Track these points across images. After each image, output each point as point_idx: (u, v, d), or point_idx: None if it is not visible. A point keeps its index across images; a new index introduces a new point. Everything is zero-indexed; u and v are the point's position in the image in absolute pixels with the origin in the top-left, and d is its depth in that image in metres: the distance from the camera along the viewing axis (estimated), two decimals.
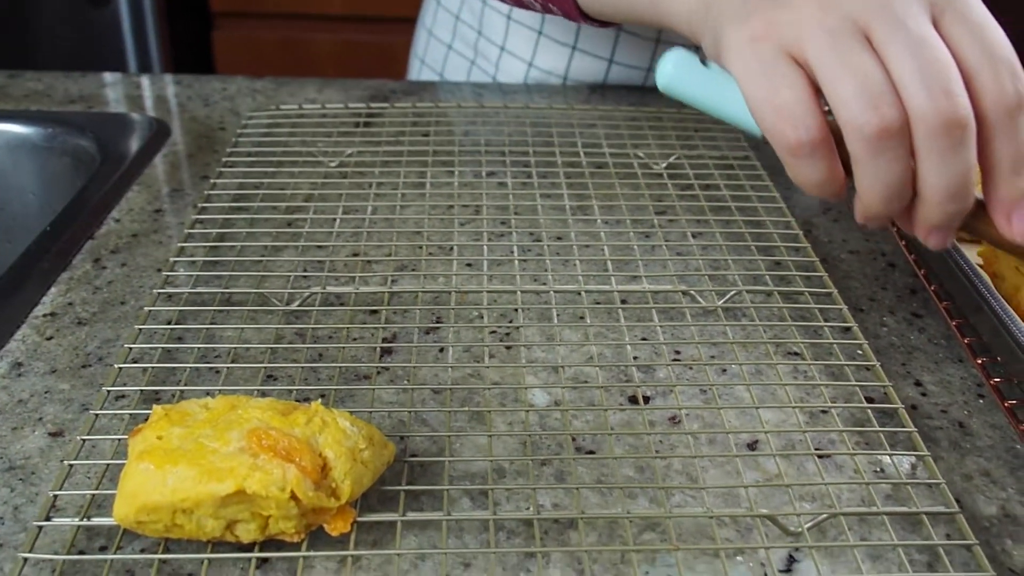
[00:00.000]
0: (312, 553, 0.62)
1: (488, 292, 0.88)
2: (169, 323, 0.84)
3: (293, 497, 0.59)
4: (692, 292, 0.88)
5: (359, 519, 0.63)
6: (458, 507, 0.67)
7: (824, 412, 0.75)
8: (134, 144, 1.14)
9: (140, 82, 1.36)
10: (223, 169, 1.07)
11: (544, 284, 0.90)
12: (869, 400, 0.76)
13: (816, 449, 0.71)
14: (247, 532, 0.61)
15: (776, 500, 0.67)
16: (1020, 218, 0.62)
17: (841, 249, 0.98)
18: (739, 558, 0.63)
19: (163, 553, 0.62)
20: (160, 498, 0.59)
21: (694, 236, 0.97)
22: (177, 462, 0.60)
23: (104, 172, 1.08)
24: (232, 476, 0.59)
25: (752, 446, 0.73)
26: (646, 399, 0.77)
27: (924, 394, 0.78)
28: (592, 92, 1.32)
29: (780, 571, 0.63)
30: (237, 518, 0.60)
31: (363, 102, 1.26)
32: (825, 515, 0.65)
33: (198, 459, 0.60)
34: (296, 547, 0.62)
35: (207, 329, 0.83)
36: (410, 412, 0.74)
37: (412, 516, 0.64)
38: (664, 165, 1.10)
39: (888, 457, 0.70)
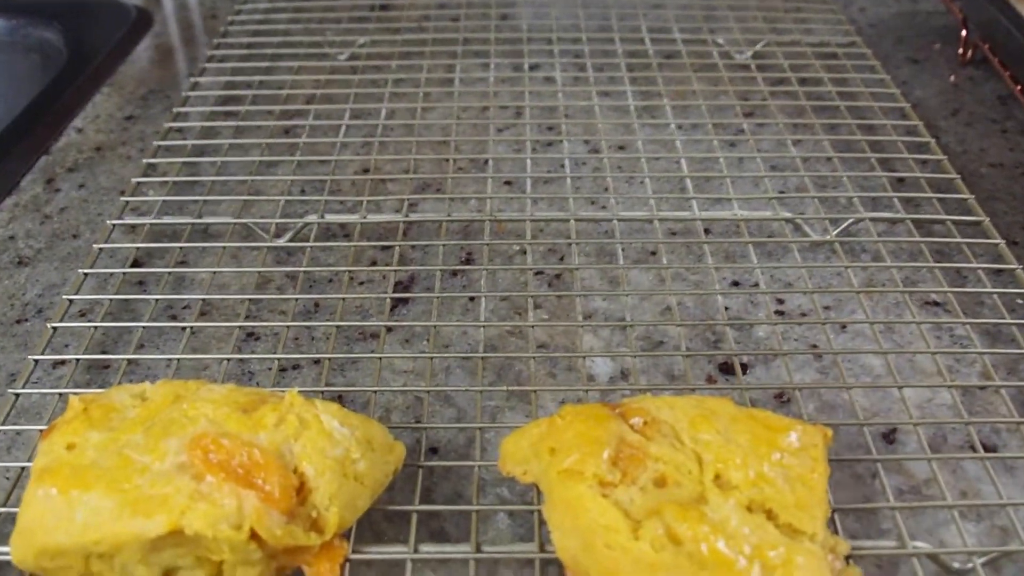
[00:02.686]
0: None
1: (532, 221, 0.68)
2: (127, 264, 0.65)
3: (254, 536, 0.41)
4: (797, 220, 0.68)
5: (353, 555, 0.45)
6: (492, 531, 0.49)
7: (983, 389, 0.56)
8: (108, 37, 0.95)
9: None
10: (208, 65, 0.88)
11: (604, 208, 0.70)
12: None
13: (981, 444, 0.52)
14: None
15: (928, 522, 0.49)
16: None
17: (979, 162, 0.77)
18: None
19: None
20: (66, 539, 0.41)
21: (794, 144, 0.76)
22: (90, 486, 0.42)
23: (69, 71, 0.89)
24: (165, 509, 0.41)
25: (889, 438, 0.54)
26: (744, 368, 0.58)
27: None
28: None
29: None
30: (177, 565, 0.43)
31: None
32: (997, 552, 0.46)
33: (119, 482, 0.42)
34: None
35: (173, 272, 0.65)
36: (429, 391, 0.55)
37: (428, 550, 0.46)
38: (750, 54, 0.90)
39: None
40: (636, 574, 0.40)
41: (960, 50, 0.92)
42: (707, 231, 0.68)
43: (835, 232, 0.67)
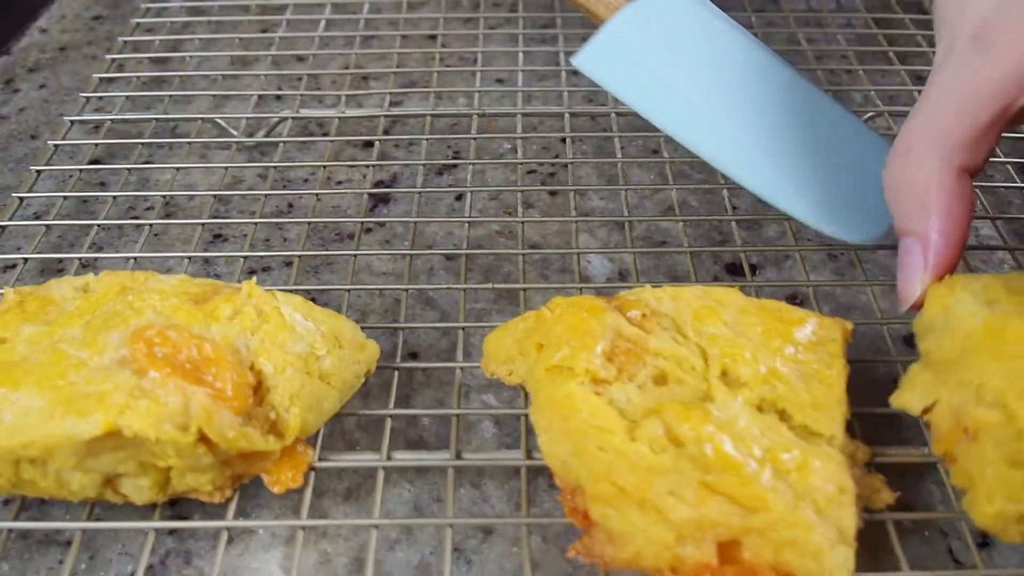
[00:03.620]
0: (241, 523, 0.40)
1: (524, 115, 0.63)
2: (85, 162, 0.60)
3: (203, 439, 0.37)
4: None
5: (319, 463, 0.41)
6: (477, 440, 0.44)
7: None
8: None
9: None
10: None
11: (603, 105, 0.65)
12: None
13: None
14: (138, 491, 0.39)
15: None
16: None
17: None
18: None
19: (18, 519, 0.40)
20: None
21: (807, 41, 0.71)
22: (19, 383, 0.37)
23: None
24: (101, 407, 0.36)
25: (911, 341, 0.49)
26: (753, 268, 0.53)
27: None
28: None
29: (977, 544, 0.40)
30: (118, 471, 0.38)
31: None
32: None
33: (52, 379, 0.37)
34: (219, 511, 0.40)
35: (135, 170, 0.60)
36: (407, 289, 0.50)
37: (402, 457, 0.42)
38: None
39: None
40: (633, 479, 0.36)
41: None
42: None
43: None
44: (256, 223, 0.54)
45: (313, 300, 0.50)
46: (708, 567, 0.35)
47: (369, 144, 0.62)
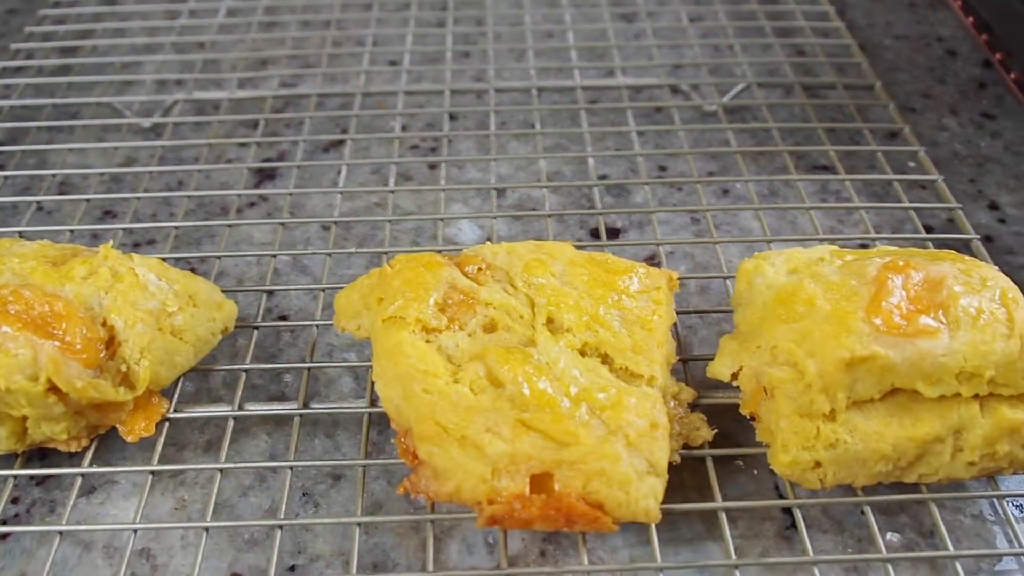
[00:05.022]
0: (94, 469, 0.42)
1: (407, 93, 0.65)
2: None
3: (55, 390, 0.39)
4: (684, 88, 0.65)
5: (173, 415, 0.43)
6: (334, 393, 0.47)
7: (865, 247, 0.54)
8: None
9: None
10: None
11: (484, 82, 0.67)
12: (928, 229, 0.54)
13: None
14: None
15: None
16: None
17: (884, 34, 0.75)
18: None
19: None
20: None
21: (691, 20, 0.73)
22: None
23: None
24: None
25: None
26: (614, 232, 0.56)
27: (1002, 220, 0.57)
28: None
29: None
30: None
31: None
32: None
33: None
34: (76, 459, 0.43)
35: (36, 152, 0.62)
36: (275, 255, 0.53)
37: (253, 408, 0.44)
38: None
39: None
40: (454, 418, 0.38)
41: None
42: (591, 101, 0.65)
43: (724, 99, 0.64)
44: (139, 197, 0.57)
45: (192, 269, 0.53)
46: (520, 497, 0.37)
47: (258, 123, 0.64)
